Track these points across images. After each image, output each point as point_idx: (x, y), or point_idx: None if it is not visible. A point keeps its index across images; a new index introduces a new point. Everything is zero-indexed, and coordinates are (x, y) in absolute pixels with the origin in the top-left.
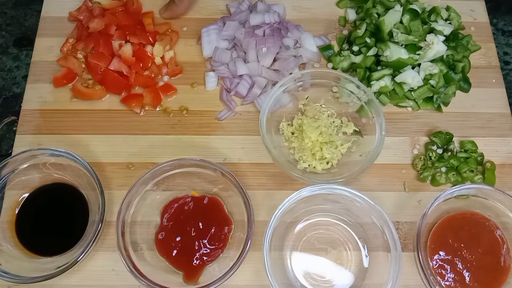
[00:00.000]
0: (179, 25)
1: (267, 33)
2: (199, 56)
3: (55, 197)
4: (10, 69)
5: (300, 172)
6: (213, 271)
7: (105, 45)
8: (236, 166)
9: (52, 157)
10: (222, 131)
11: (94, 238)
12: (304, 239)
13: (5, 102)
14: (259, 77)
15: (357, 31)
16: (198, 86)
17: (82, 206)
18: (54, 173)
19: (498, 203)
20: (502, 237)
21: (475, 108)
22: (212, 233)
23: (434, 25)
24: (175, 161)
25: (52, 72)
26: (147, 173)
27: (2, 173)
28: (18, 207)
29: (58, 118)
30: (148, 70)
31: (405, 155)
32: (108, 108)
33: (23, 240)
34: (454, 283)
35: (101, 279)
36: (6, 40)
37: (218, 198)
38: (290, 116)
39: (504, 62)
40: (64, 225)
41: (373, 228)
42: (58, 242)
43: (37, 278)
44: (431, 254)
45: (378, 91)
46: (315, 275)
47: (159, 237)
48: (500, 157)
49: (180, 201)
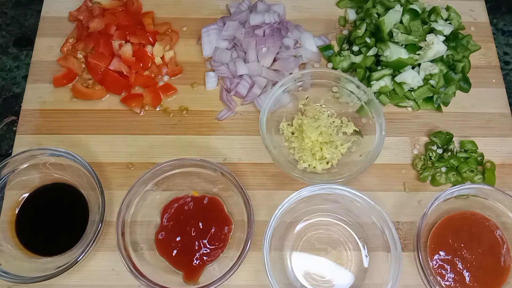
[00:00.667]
0: (179, 25)
1: (267, 33)
2: (199, 56)
3: (55, 197)
4: (10, 69)
5: (300, 172)
6: (213, 271)
7: (105, 45)
8: (236, 166)
9: (52, 157)
10: (222, 131)
11: (94, 238)
12: (304, 239)
13: (5, 102)
14: (259, 77)
15: (357, 31)
16: (198, 86)
17: (82, 206)
18: (54, 173)
19: (498, 203)
20: (502, 237)
21: (475, 108)
22: (212, 233)
23: (434, 25)
24: (175, 161)
25: (52, 72)
26: (147, 173)
27: (2, 173)
28: (18, 207)
29: (58, 118)
30: (148, 70)
31: (405, 155)
32: (108, 108)
33: (23, 240)
34: (454, 283)
35: (101, 279)
36: (6, 40)
37: (218, 198)
38: (290, 116)
39: (504, 62)
40: (64, 225)
41: (373, 228)
42: (58, 242)
43: (37, 278)
44: (431, 254)
45: (378, 91)
46: (315, 275)
47: (159, 237)
48: (500, 157)
49: (180, 201)
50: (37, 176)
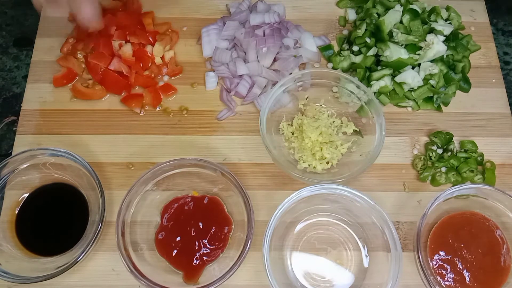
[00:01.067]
0: (179, 25)
1: (267, 33)
2: (199, 56)
3: (55, 197)
4: (10, 69)
5: (300, 172)
6: (213, 271)
7: (105, 45)
8: (236, 166)
9: (52, 157)
10: (222, 131)
11: (94, 238)
12: (304, 239)
13: (5, 102)
14: (259, 77)
15: (357, 31)
16: (198, 86)
17: (82, 206)
18: (54, 173)
19: (498, 203)
20: (502, 237)
21: (475, 108)
22: (212, 233)
23: (434, 25)
24: (175, 161)
25: (52, 72)
26: (147, 173)
27: (2, 173)
28: (18, 207)
29: (58, 118)
30: (148, 70)
31: (405, 155)
32: (108, 108)
33: (23, 240)
34: (454, 283)
35: (101, 279)
36: (6, 40)
37: (218, 198)
38: (290, 116)
39: (504, 62)
40: (64, 225)
41: (373, 228)
42: (58, 242)
43: (37, 278)
44: (431, 254)
45: (378, 91)
46: (315, 275)
47: (159, 237)
48: (500, 157)
49: (180, 201)
50: (37, 176)
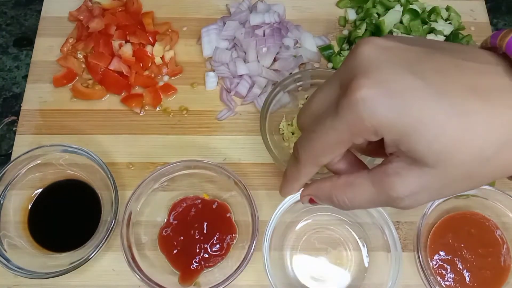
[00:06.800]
0: (179, 25)
1: (267, 33)
2: (199, 56)
3: (67, 194)
4: (10, 69)
5: None
6: (211, 276)
7: (105, 45)
8: (236, 166)
9: (65, 153)
10: (222, 131)
11: (107, 235)
12: (304, 239)
13: (5, 102)
14: (259, 77)
15: (357, 31)
16: (198, 86)
17: (95, 203)
18: (67, 170)
19: (498, 203)
20: (502, 237)
21: None
22: (215, 239)
23: (434, 25)
24: (187, 161)
25: (52, 72)
26: (154, 173)
27: (14, 170)
28: (31, 203)
29: (58, 118)
30: (148, 70)
31: None
32: (108, 108)
33: (36, 235)
34: (454, 283)
35: (101, 279)
36: (6, 40)
37: (228, 205)
38: (290, 116)
39: None
40: (76, 221)
41: (373, 228)
42: (70, 238)
43: (51, 273)
44: (431, 254)
45: None
46: (315, 275)
47: (163, 233)
48: None
49: (190, 201)
50: (50, 172)
